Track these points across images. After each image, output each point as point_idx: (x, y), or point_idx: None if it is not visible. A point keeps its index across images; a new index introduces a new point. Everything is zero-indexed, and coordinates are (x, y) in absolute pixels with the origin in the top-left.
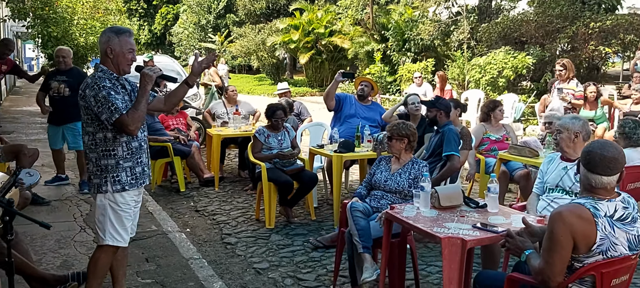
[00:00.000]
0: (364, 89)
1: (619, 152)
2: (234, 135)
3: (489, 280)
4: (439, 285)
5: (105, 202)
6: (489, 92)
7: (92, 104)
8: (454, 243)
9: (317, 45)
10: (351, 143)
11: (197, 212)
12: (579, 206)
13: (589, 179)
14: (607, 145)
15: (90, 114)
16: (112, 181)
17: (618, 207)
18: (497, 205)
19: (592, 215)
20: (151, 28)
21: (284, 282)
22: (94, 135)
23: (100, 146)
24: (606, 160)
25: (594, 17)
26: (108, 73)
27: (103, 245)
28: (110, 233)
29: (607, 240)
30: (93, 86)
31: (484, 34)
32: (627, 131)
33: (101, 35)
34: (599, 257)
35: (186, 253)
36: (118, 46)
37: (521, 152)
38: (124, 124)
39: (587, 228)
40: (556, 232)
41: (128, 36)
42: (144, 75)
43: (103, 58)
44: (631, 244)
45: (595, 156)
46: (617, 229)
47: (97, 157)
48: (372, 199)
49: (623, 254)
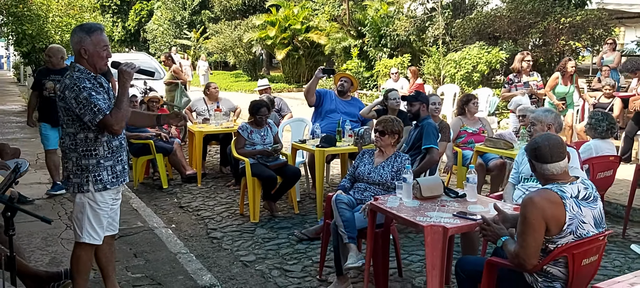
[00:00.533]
0: (343, 84)
1: (558, 138)
2: (216, 131)
3: (469, 265)
4: (421, 272)
5: (85, 200)
6: (464, 86)
7: (74, 106)
8: (436, 231)
9: (294, 41)
10: (333, 138)
11: (181, 208)
12: (547, 191)
13: (546, 170)
14: (549, 136)
15: (70, 115)
16: (94, 180)
17: (580, 188)
18: (475, 194)
19: (560, 198)
20: (125, 25)
21: (271, 273)
22: (74, 136)
23: (80, 146)
24: (554, 148)
25: (564, 12)
26: (85, 72)
27: (81, 242)
28: (88, 231)
29: (575, 219)
30: (73, 87)
31: (458, 30)
32: (593, 123)
33: (72, 36)
34: (570, 237)
35: (173, 248)
36: (91, 45)
37: (497, 144)
38: (109, 124)
39: (556, 211)
40: (529, 216)
41: (100, 33)
42: (123, 72)
43: (77, 58)
44: (596, 221)
45: (544, 148)
46: (583, 208)
47: (78, 157)
48: (356, 191)
49: (590, 232)
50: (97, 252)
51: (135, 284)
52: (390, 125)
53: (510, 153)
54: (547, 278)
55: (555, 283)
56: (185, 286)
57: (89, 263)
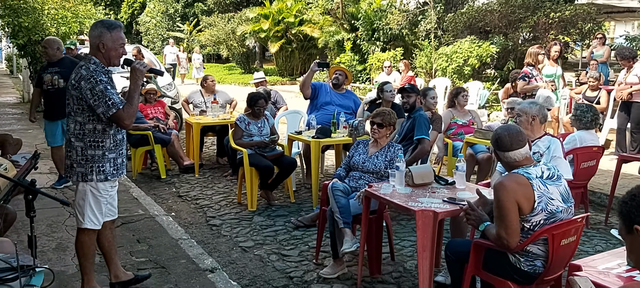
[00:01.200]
0: (338, 77)
1: (517, 127)
2: (213, 123)
3: (458, 247)
4: (412, 256)
5: (87, 188)
6: (455, 80)
7: (88, 96)
8: (426, 215)
9: (287, 34)
10: (328, 129)
11: (180, 197)
12: (515, 174)
13: (510, 157)
14: (509, 127)
15: (82, 104)
16: (97, 171)
17: (543, 170)
18: (464, 182)
19: (527, 179)
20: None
21: (269, 257)
22: (83, 125)
23: (88, 136)
24: (514, 136)
25: (554, 7)
26: (100, 66)
27: (83, 228)
28: (89, 217)
29: (544, 197)
30: (90, 79)
31: (449, 24)
32: (579, 114)
33: (93, 29)
34: (542, 214)
35: (175, 234)
36: (110, 41)
37: (486, 136)
38: (121, 119)
39: (526, 191)
40: (502, 199)
41: (119, 31)
42: (135, 69)
43: (94, 51)
44: (563, 197)
45: (505, 138)
46: (549, 186)
47: (84, 147)
48: (351, 180)
49: (560, 207)
50: (100, 237)
51: (140, 267)
52: (388, 118)
53: None
54: (528, 257)
55: (536, 261)
56: (188, 269)
57: (93, 247)
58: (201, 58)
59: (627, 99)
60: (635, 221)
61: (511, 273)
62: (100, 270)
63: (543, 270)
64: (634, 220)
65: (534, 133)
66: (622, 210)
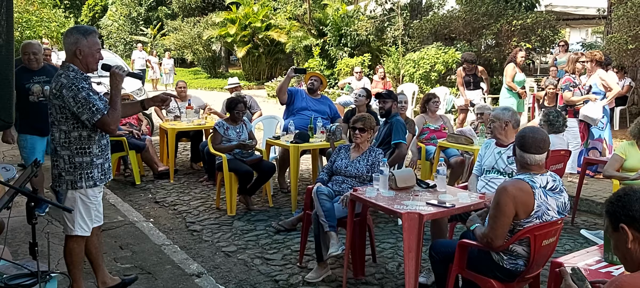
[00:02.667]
0: (314, 83)
1: (545, 135)
2: (188, 128)
3: (443, 247)
4: (392, 258)
5: (77, 195)
6: (423, 85)
7: (71, 104)
8: (412, 217)
9: (254, 39)
10: (306, 134)
11: (157, 203)
12: (519, 181)
13: (524, 158)
14: (536, 130)
15: (65, 113)
16: (86, 177)
17: (549, 180)
18: (445, 185)
19: (531, 187)
20: (77, 20)
21: (253, 262)
22: (68, 134)
23: (74, 144)
24: (537, 141)
25: (516, 15)
26: (79, 73)
27: (73, 235)
28: (79, 224)
29: (542, 206)
30: (71, 87)
31: (415, 31)
32: (551, 119)
33: (67, 36)
34: (536, 221)
35: (157, 240)
36: (87, 47)
37: (458, 140)
38: (106, 124)
39: (526, 198)
40: (501, 202)
41: (94, 36)
42: (115, 74)
43: (71, 58)
44: (559, 209)
45: (528, 139)
46: (549, 197)
47: (71, 155)
48: (334, 184)
49: (554, 218)
50: (87, 245)
51: (126, 274)
52: (369, 123)
53: (471, 148)
54: (512, 256)
55: (518, 260)
56: (175, 274)
57: (82, 254)
58: (172, 63)
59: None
60: (621, 220)
61: (494, 271)
62: (87, 277)
63: (524, 268)
64: (619, 218)
65: (507, 138)
66: (609, 209)
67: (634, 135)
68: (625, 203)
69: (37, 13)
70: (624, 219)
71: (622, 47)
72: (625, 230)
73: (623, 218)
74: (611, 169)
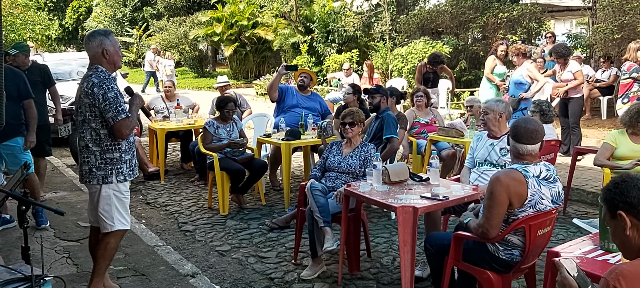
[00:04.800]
0: (304, 80)
1: (539, 125)
2: (177, 128)
3: (438, 240)
4: (387, 252)
5: (110, 192)
6: (411, 80)
7: (100, 101)
8: (407, 211)
9: (241, 37)
10: (297, 131)
11: (148, 204)
12: (513, 170)
13: (517, 148)
14: (530, 120)
15: (94, 111)
16: (116, 173)
17: (542, 169)
18: (438, 178)
19: (524, 177)
20: (62, 22)
21: (247, 260)
22: (98, 131)
23: (105, 141)
24: (529, 132)
25: (501, 8)
26: (107, 74)
27: (112, 231)
28: (118, 219)
29: (536, 195)
30: (102, 85)
31: (403, 25)
32: (544, 108)
33: (91, 40)
34: (531, 210)
35: (150, 242)
36: (111, 46)
37: (449, 133)
38: (124, 127)
39: (520, 188)
40: (495, 192)
41: (113, 36)
42: (138, 96)
43: (98, 59)
44: (553, 198)
45: (521, 129)
46: (543, 186)
47: (102, 151)
48: (327, 180)
49: (548, 207)
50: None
51: (119, 276)
52: (357, 116)
53: (462, 140)
54: (507, 246)
55: (514, 250)
56: (169, 275)
57: (116, 248)
58: (173, 64)
59: (563, 96)
60: (619, 207)
61: (490, 262)
62: (80, 281)
63: (520, 258)
64: (617, 205)
65: (500, 129)
66: (606, 197)
67: (625, 123)
68: (623, 190)
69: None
70: (621, 206)
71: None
72: (623, 217)
73: (621, 205)
74: (602, 158)
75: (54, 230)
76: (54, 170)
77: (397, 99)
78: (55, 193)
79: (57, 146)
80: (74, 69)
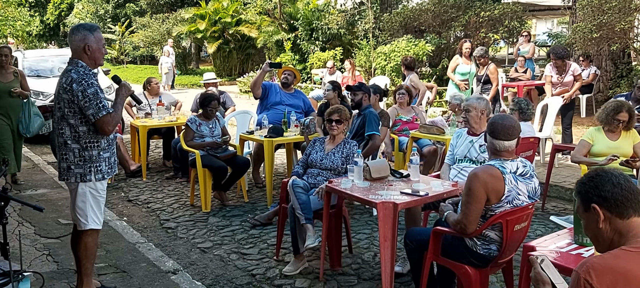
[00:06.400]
0: (287, 77)
1: (515, 121)
2: (159, 125)
3: (417, 235)
4: (368, 248)
5: (86, 190)
6: (394, 77)
7: (80, 98)
8: (387, 207)
9: (225, 34)
10: (280, 128)
11: (130, 201)
12: (490, 166)
13: (494, 144)
14: (506, 117)
15: (73, 107)
16: (95, 171)
17: (519, 166)
18: (418, 174)
19: (501, 173)
20: (43, 18)
21: (229, 257)
22: (76, 128)
23: (83, 138)
24: (506, 128)
25: (483, 6)
26: (88, 69)
27: (87, 229)
28: (92, 218)
29: (513, 191)
30: (81, 81)
31: (386, 24)
32: (523, 106)
33: (74, 34)
34: (507, 206)
35: (131, 239)
36: (95, 42)
37: (430, 130)
38: (107, 123)
39: (497, 184)
40: (473, 188)
41: (100, 32)
42: (125, 86)
43: (79, 54)
44: (530, 194)
45: (498, 126)
46: (520, 182)
47: (80, 148)
48: (309, 176)
49: (524, 202)
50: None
51: (100, 273)
52: (344, 114)
53: (443, 138)
54: (485, 241)
55: (491, 245)
56: (150, 272)
57: (96, 247)
58: (171, 62)
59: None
60: (593, 200)
61: (468, 257)
62: (60, 278)
63: (498, 253)
64: (591, 199)
65: (481, 127)
66: (580, 190)
67: (601, 120)
68: (597, 184)
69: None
70: (595, 199)
71: (587, 36)
72: (596, 210)
73: (595, 198)
74: (579, 155)
75: (35, 227)
76: (35, 168)
77: (380, 96)
78: (35, 191)
79: (38, 143)
80: (56, 65)
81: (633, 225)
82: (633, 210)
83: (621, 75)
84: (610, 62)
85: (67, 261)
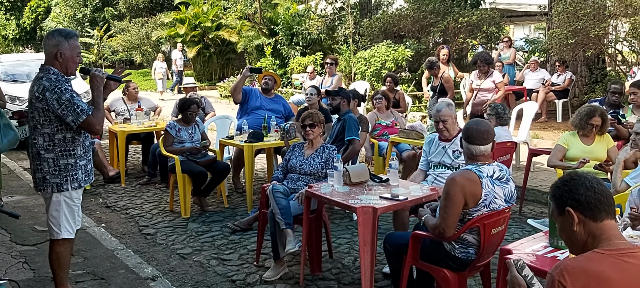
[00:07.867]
0: (268, 82)
1: (489, 126)
2: (138, 131)
3: (397, 239)
4: (348, 253)
5: (61, 199)
6: (374, 83)
7: (55, 107)
8: (366, 211)
9: (205, 39)
10: (260, 133)
11: (108, 207)
12: (467, 171)
13: (470, 149)
14: (480, 122)
15: (48, 116)
16: (71, 179)
17: (495, 170)
18: (397, 179)
19: (478, 177)
20: (19, 22)
21: (209, 263)
22: (51, 136)
23: (59, 146)
24: (481, 133)
25: (462, 12)
26: (60, 75)
27: (59, 239)
28: (65, 227)
29: (490, 195)
30: (54, 89)
31: (366, 29)
32: (500, 111)
33: (49, 39)
34: (485, 210)
35: (109, 245)
36: (68, 50)
37: (409, 135)
38: (92, 124)
39: (474, 188)
40: (451, 192)
41: (76, 39)
42: (95, 77)
43: (51, 60)
44: (506, 198)
45: (473, 131)
46: (497, 186)
47: (55, 158)
48: (289, 181)
49: (501, 206)
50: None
51: (77, 280)
52: (316, 117)
53: (422, 142)
54: (463, 245)
55: (469, 249)
56: (129, 279)
57: (68, 256)
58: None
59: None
60: (567, 203)
61: (447, 260)
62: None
63: (475, 257)
64: (565, 202)
65: (452, 133)
66: (555, 193)
67: (575, 125)
68: (571, 188)
69: None
70: (570, 203)
71: (563, 42)
72: (571, 214)
73: (569, 202)
74: (555, 159)
75: (10, 234)
76: (10, 174)
77: (358, 101)
78: (11, 197)
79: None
80: (32, 70)
81: (606, 228)
82: (606, 213)
83: (596, 80)
84: (585, 68)
85: (43, 269)
